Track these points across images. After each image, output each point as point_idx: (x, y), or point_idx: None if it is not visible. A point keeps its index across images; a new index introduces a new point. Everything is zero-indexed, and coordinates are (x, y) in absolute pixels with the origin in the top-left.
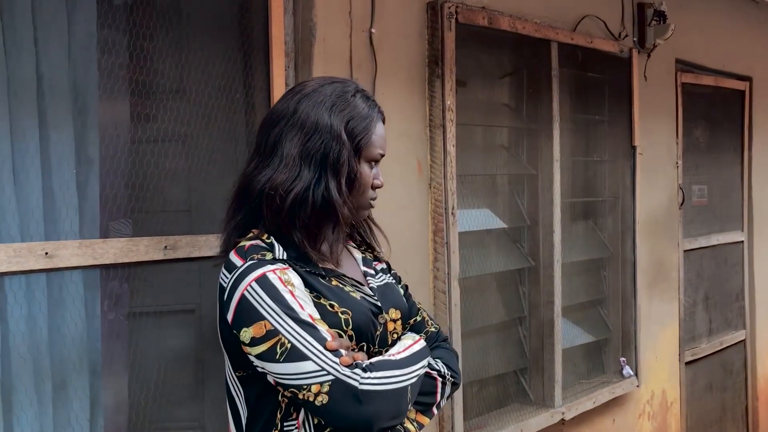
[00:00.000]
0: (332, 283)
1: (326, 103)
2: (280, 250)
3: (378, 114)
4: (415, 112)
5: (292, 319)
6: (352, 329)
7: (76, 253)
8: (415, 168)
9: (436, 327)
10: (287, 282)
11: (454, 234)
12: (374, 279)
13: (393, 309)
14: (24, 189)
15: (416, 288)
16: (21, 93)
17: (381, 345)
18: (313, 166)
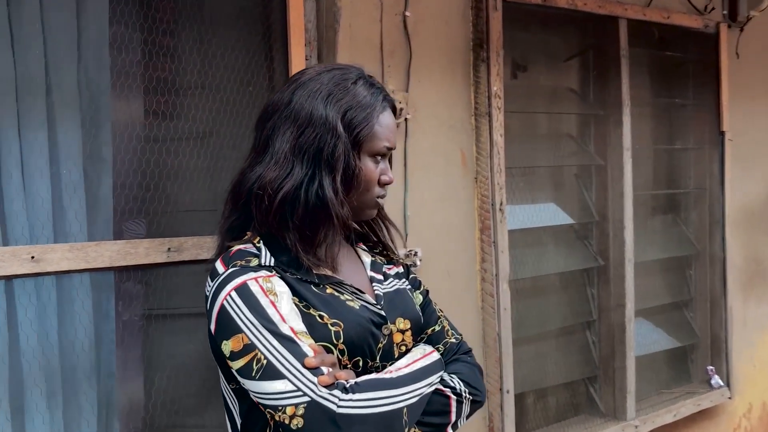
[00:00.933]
0: (326, 291)
1: (322, 92)
2: (267, 255)
3: (383, 102)
4: (458, 100)
5: (271, 332)
6: (343, 343)
7: (65, 256)
8: (458, 160)
9: (458, 337)
10: (270, 291)
11: (503, 232)
12: (382, 285)
13: (401, 318)
14: (32, 190)
15: (462, 291)
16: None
17: (385, 359)
18: (306, 163)
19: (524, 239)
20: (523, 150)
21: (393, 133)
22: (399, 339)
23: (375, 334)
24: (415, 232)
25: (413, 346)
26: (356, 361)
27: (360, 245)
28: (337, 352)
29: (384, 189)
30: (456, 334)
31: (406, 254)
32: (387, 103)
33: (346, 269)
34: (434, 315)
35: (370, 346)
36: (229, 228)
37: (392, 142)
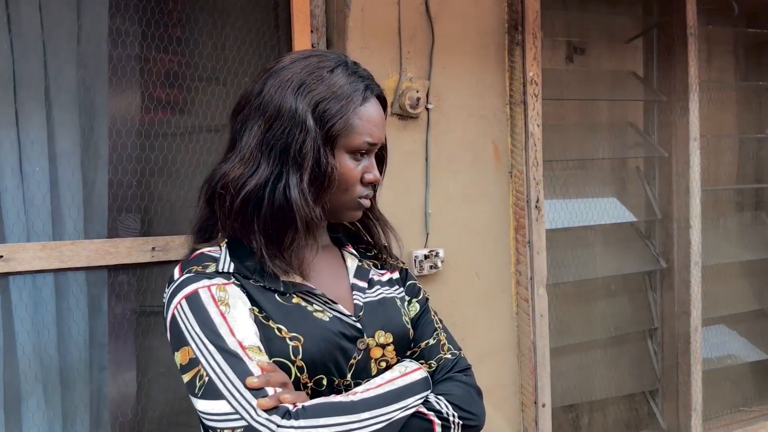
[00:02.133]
0: (292, 301)
1: (293, 82)
2: (227, 260)
3: (365, 92)
4: (491, 88)
5: (216, 347)
6: (302, 359)
7: (38, 256)
8: (490, 153)
9: (455, 353)
10: (222, 301)
11: (539, 231)
12: (364, 294)
13: (381, 331)
14: (30, 186)
15: (494, 295)
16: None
17: (358, 376)
18: (273, 160)
19: (567, 239)
20: (576, 141)
21: (378, 127)
22: (378, 354)
23: (346, 349)
24: (437, 231)
25: (397, 362)
26: (318, 379)
27: (348, 248)
28: (295, 369)
29: (369, 188)
30: (454, 349)
31: (426, 255)
32: (370, 93)
33: (323, 276)
34: (430, 327)
35: (338, 363)
36: (201, 228)
37: (376, 137)
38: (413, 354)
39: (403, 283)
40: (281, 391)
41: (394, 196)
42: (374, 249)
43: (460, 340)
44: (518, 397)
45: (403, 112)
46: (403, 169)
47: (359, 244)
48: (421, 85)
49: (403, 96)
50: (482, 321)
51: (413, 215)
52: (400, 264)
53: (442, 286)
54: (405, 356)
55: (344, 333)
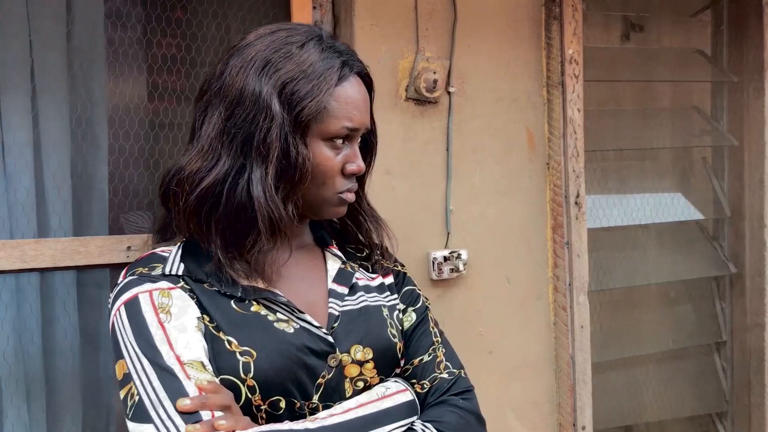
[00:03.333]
0: (251, 309)
1: (257, 61)
2: (176, 261)
3: (343, 69)
4: (525, 68)
5: (151, 362)
6: (253, 377)
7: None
8: (523, 141)
9: (453, 372)
10: (162, 308)
11: (579, 230)
12: (341, 301)
13: (358, 346)
14: (11, 180)
15: (528, 302)
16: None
17: (328, 398)
18: (234, 152)
19: (615, 240)
20: (630, 128)
21: (359, 110)
22: (354, 373)
23: (311, 367)
24: (460, 230)
25: (379, 382)
26: (274, 401)
27: (332, 248)
28: (245, 389)
29: (351, 181)
30: (452, 367)
31: (446, 257)
32: (349, 71)
33: (296, 280)
34: (426, 340)
35: (300, 383)
36: (162, 228)
37: (357, 120)
38: (405, 372)
39: (398, 289)
40: (219, 416)
41: (409, 190)
42: (366, 249)
43: (487, 352)
44: (555, 417)
45: (420, 96)
46: (420, 161)
47: (350, 243)
48: (440, 66)
49: (419, 78)
50: (514, 331)
51: (432, 212)
52: (395, 266)
53: (466, 292)
54: (392, 375)
55: (310, 347)
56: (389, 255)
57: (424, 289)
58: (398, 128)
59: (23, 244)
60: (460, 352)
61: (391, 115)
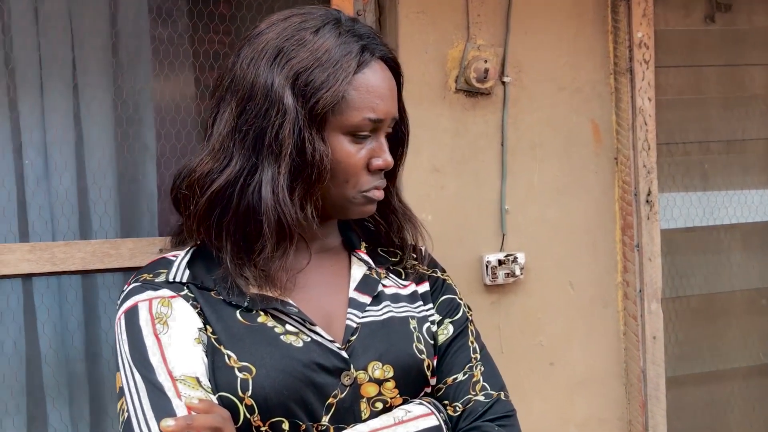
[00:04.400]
0: (257, 320)
1: (268, 50)
2: (181, 267)
3: (363, 54)
4: (589, 55)
5: (143, 377)
6: (251, 396)
7: (26, 258)
8: (588, 135)
9: (490, 394)
10: (160, 318)
11: (651, 231)
12: (362, 312)
13: (377, 363)
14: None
15: (594, 310)
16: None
17: (340, 420)
18: (246, 150)
19: (693, 242)
20: (713, 118)
21: (384, 99)
22: (372, 393)
23: (320, 385)
24: (516, 232)
25: (403, 403)
26: (275, 423)
27: (359, 252)
28: (243, 408)
29: (379, 177)
30: (491, 389)
31: (501, 260)
32: (370, 56)
33: (312, 287)
34: (463, 356)
35: (306, 403)
36: (179, 231)
37: (382, 110)
38: (438, 392)
39: (434, 298)
40: None
41: (459, 189)
42: (399, 252)
43: (548, 364)
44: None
45: (470, 87)
46: (471, 157)
47: (383, 245)
48: (493, 54)
49: (469, 68)
50: (578, 342)
51: (485, 212)
52: (433, 272)
53: (525, 299)
54: (421, 395)
55: (321, 363)
56: (428, 259)
57: (477, 295)
58: (447, 122)
59: (53, 247)
60: (517, 363)
61: (440, 108)
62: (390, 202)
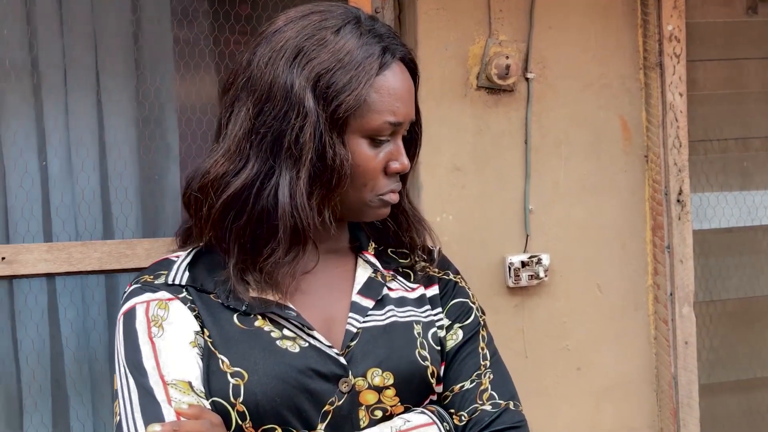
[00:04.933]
0: (255, 324)
1: (288, 50)
2: (181, 269)
3: (384, 56)
4: (616, 49)
5: (135, 380)
6: (243, 402)
7: (43, 258)
8: (616, 132)
9: (498, 404)
10: (155, 321)
11: (683, 232)
12: (364, 317)
13: (376, 369)
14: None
15: (623, 314)
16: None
17: (337, 428)
18: (263, 153)
19: (727, 243)
20: (753, 114)
21: (404, 102)
22: (371, 400)
23: (316, 392)
24: (541, 233)
25: (404, 411)
26: (268, 430)
27: (366, 253)
28: (235, 415)
29: (395, 180)
30: (499, 398)
31: (524, 262)
32: (391, 57)
33: (315, 290)
34: (470, 364)
35: (300, 410)
36: (186, 231)
37: (402, 114)
38: (444, 400)
39: (444, 302)
40: None
41: (481, 188)
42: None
43: (574, 369)
44: None
45: (492, 84)
46: (493, 155)
47: (394, 246)
48: (515, 50)
49: (490, 64)
50: (606, 346)
51: (508, 212)
52: (444, 274)
53: (550, 301)
54: (426, 403)
55: (317, 370)
56: (439, 260)
57: (500, 297)
58: (468, 120)
59: (70, 247)
60: (543, 367)
61: (460, 105)
62: (400, 204)
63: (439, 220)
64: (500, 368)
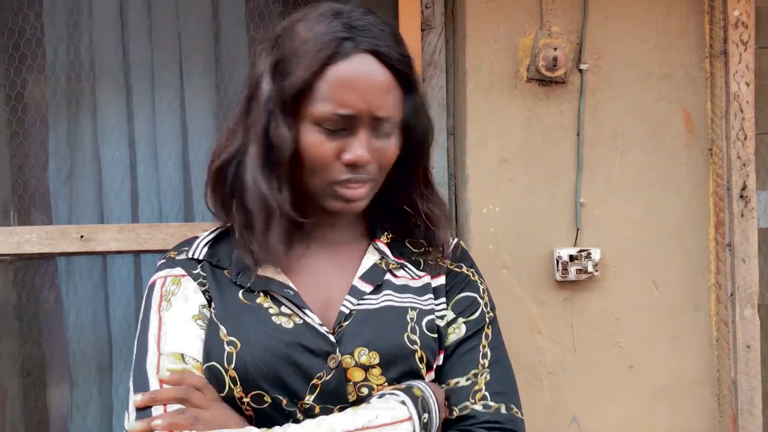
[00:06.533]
0: (256, 301)
1: (270, 42)
2: (201, 245)
3: (342, 45)
4: (679, 37)
5: (138, 354)
6: (234, 368)
7: (116, 237)
8: (678, 124)
9: (489, 406)
10: (166, 296)
11: (746, 230)
12: (358, 299)
13: (363, 349)
14: (164, 168)
15: (684, 314)
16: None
17: (326, 400)
18: (243, 130)
19: None
20: None
21: (359, 93)
22: (359, 378)
23: (303, 366)
24: (592, 227)
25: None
26: (256, 395)
27: (378, 241)
28: (228, 379)
29: (351, 171)
30: (491, 400)
31: (573, 256)
32: (353, 47)
33: (319, 272)
34: (467, 360)
35: (286, 382)
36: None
37: (355, 106)
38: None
39: (450, 294)
40: (172, 412)
41: (530, 181)
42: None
43: (627, 367)
44: None
45: (541, 76)
46: (543, 148)
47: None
48: (566, 41)
49: (539, 56)
50: (662, 346)
51: (558, 206)
52: (457, 267)
53: (601, 297)
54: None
55: (306, 346)
56: (456, 253)
57: (548, 291)
58: (518, 112)
59: (138, 228)
60: (592, 363)
61: (509, 98)
62: (413, 200)
63: (485, 212)
64: (500, 368)
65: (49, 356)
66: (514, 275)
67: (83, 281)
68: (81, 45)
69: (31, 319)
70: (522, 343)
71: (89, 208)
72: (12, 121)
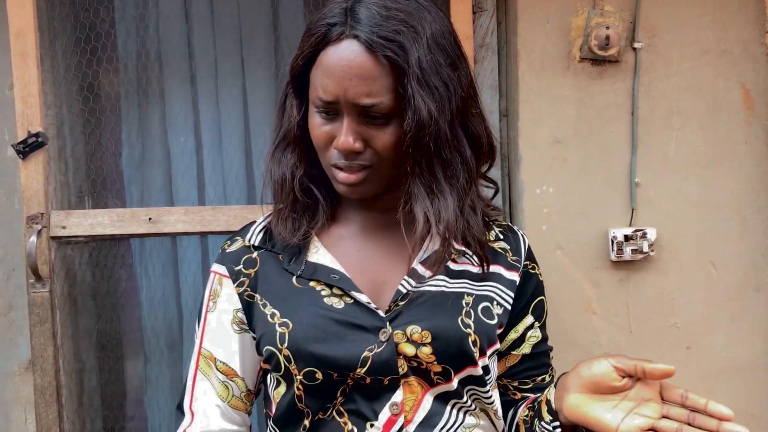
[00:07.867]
0: (308, 285)
1: None
2: (256, 231)
3: (330, 31)
4: (737, 12)
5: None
6: (287, 347)
7: (181, 219)
8: (737, 101)
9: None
10: (213, 296)
11: None
12: (418, 282)
13: (415, 326)
14: (228, 154)
15: (743, 295)
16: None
17: (377, 372)
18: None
19: None
20: None
21: (337, 80)
22: (410, 353)
23: (354, 341)
24: (647, 206)
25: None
26: (309, 372)
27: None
28: (282, 359)
29: (345, 158)
30: None
31: (629, 235)
32: (339, 33)
33: (373, 256)
34: (545, 358)
35: (337, 357)
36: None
37: (332, 92)
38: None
39: (529, 297)
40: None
41: (584, 161)
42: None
43: (684, 348)
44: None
45: (594, 55)
46: (597, 128)
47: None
48: (618, 20)
49: (591, 35)
50: (720, 327)
51: (612, 185)
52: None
53: (657, 278)
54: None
55: (357, 323)
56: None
57: (603, 271)
58: (570, 92)
59: (202, 211)
60: (648, 344)
61: (562, 78)
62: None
63: (539, 192)
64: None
65: (123, 332)
66: (568, 256)
67: (153, 261)
68: (147, 37)
69: (105, 297)
70: (577, 323)
71: (158, 192)
72: (85, 111)
